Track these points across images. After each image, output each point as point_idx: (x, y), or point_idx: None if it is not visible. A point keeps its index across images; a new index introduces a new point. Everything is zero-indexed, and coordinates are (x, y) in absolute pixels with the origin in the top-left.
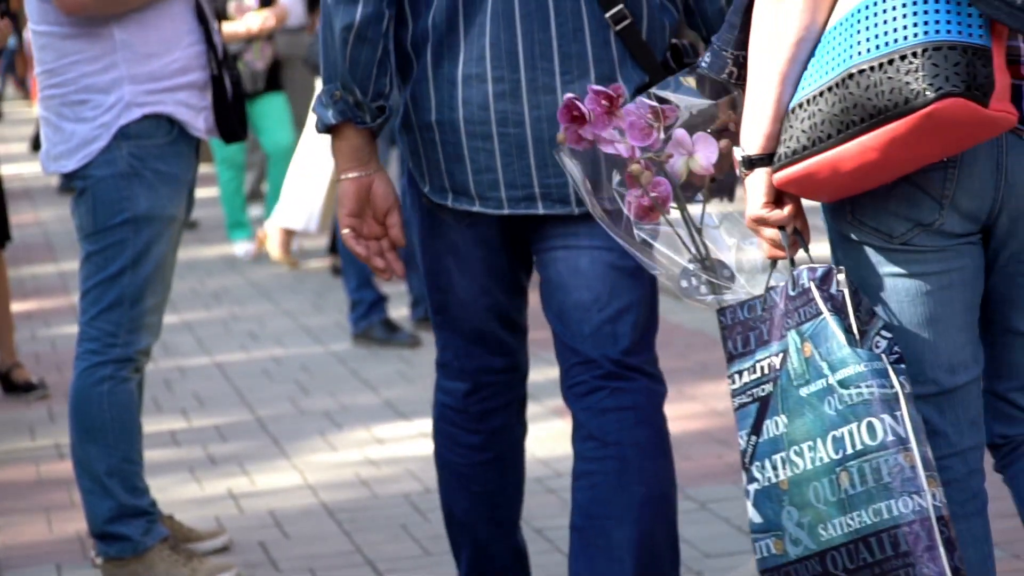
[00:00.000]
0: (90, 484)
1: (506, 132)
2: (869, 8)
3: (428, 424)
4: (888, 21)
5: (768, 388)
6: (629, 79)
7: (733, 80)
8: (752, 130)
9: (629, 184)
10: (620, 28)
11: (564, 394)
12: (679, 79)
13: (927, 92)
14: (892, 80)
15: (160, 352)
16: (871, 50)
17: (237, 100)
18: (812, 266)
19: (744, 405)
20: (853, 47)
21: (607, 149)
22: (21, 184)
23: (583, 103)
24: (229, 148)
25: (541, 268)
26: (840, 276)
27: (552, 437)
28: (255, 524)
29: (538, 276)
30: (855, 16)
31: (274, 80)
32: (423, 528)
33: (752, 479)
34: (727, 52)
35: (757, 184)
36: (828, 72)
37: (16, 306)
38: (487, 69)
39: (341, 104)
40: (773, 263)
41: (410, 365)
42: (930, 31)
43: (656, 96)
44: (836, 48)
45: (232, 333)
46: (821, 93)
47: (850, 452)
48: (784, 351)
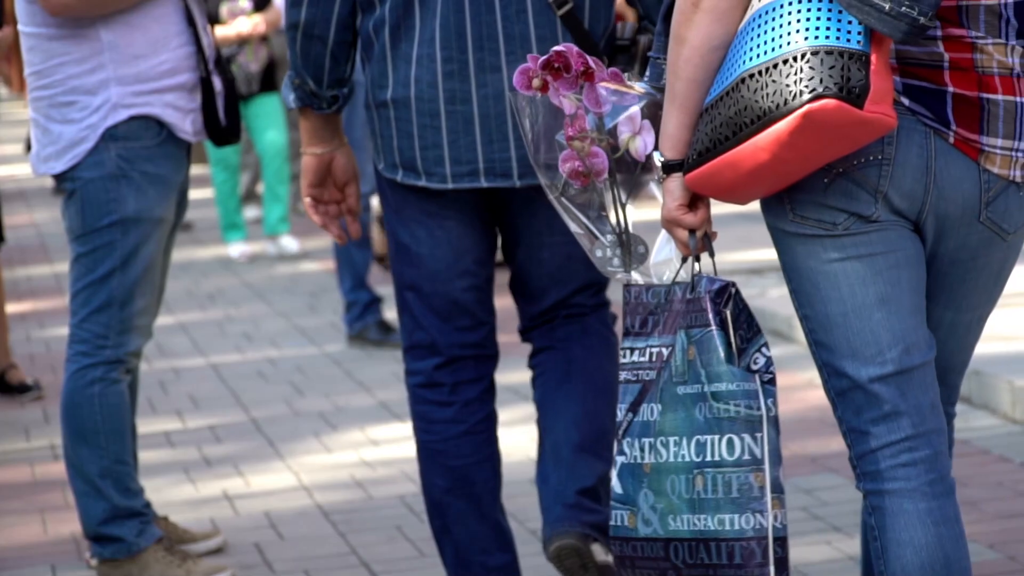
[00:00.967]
0: (83, 486)
1: (453, 109)
2: (762, 17)
3: None
4: (776, 28)
5: (652, 375)
6: None
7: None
8: (668, 135)
9: (570, 147)
10: (563, 12)
11: (529, 360)
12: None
13: (803, 94)
14: (776, 83)
15: (155, 353)
16: (760, 56)
17: (230, 103)
18: (712, 278)
19: (629, 382)
20: (747, 53)
21: (554, 100)
22: (16, 185)
23: (572, 57)
24: (223, 150)
25: (506, 250)
26: (734, 292)
27: None
28: (250, 525)
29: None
30: (751, 24)
31: (269, 81)
32: (418, 529)
33: (621, 452)
34: (660, 60)
35: (673, 187)
36: (728, 78)
37: (11, 307)
38: (437, 49)
39: (299, 91)
40: (684, 259)
41: None
42: (811, 37)
43: (625, 79)
44: (735, 55)
45: (227, 334)
46: (721, 98)
47: (708, 460)
48: (672, 346)
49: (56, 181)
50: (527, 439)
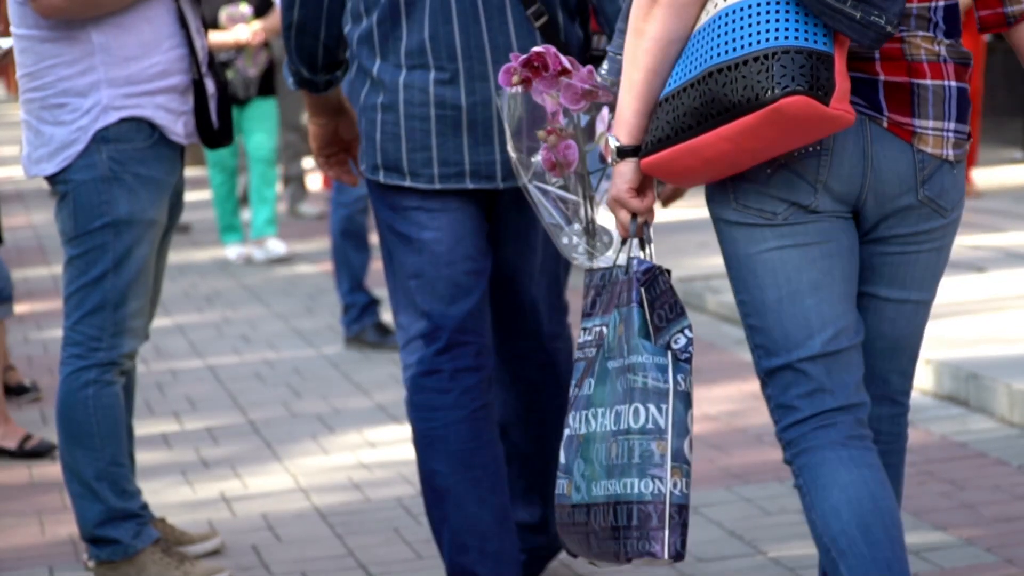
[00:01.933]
0: (79, 488)
1: (443, 114)
2: (729, 15)
3: None
4: (745, 27)
5: (592, 352)
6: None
7: None
8: (623, 122)
9: (544, 141)
10: (539, 24)
11: (497, 349)
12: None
13: (775, 90)
14: (746, 79)
15: (152, 355)
16: (729, 52)
17: (223, 105)
18: (643, 260)
19: (578, 360)
20: (714, 49)
21: (536, 98)
22: (14, 187)
23: (550, 57)
24: (220, 152)
25: (492, 248)
26: (659, 273)
27: None
28: (247, 527)
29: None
30: (717, 22)
31: (267, 85)
32: (415, 532)
33: (567, 424)
34: (619, 56)
35: (625, 171)
36: (691, 71)
37: None
38: (428, 59)
39: (296, 77)
40: (624, 241)
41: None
42: (780, 37)
43: (600, 76)
44: (699, 50)
45: (224, 336)
46: (684, 89)
47: (621, 428)
48: (608, 324)
49: (48, 183)
50: None
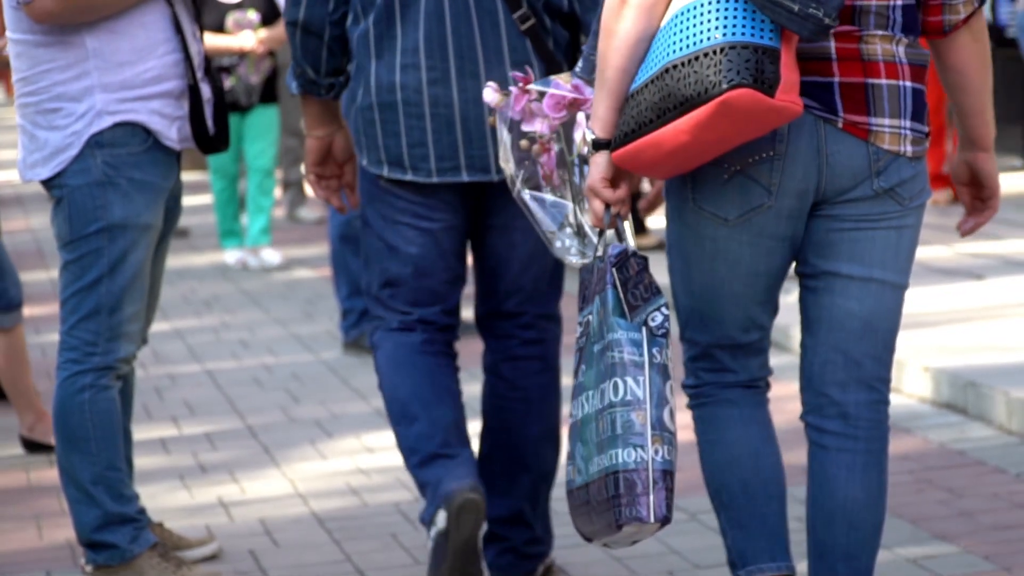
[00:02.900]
0: (76, 493)
1: (437, 112)
2: (685, 14)
3: None
4: (697, 24)
5: (583, 341)
6: (539, 66)
7: None
8: (597, 116)
9: (536, 150)
10: (525, 28)
11: (480, 329)
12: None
13: (722, 83)
14: (697, 73)
15: (151, 359)
16: (683, 49)
17: (219, 111)
18: (616, 245)
19: (576, 352)
20: (671, 46)
21: (526, 126)
22: (13, 190)
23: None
24: (221, 158)
25: (484, 237)
26: (630, 257)
27: None
28: (245, 532)
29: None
30: (675, 20)
31: (269, 92)
32: (413, 537)
33: (571, 414)
34: (594, 55)
35: (599, 163)
36: (652, 67)
37: None
38: (421, 59)
39: (300, 79)
40: (601, 233)
41: None
42: (728, 33)
43: (577, 83)
44: (659, 47)
45: (223, 341)
46: (646, 85)
47: (605, 403)
48: (592, 311)
49: (44, 188)
50: None
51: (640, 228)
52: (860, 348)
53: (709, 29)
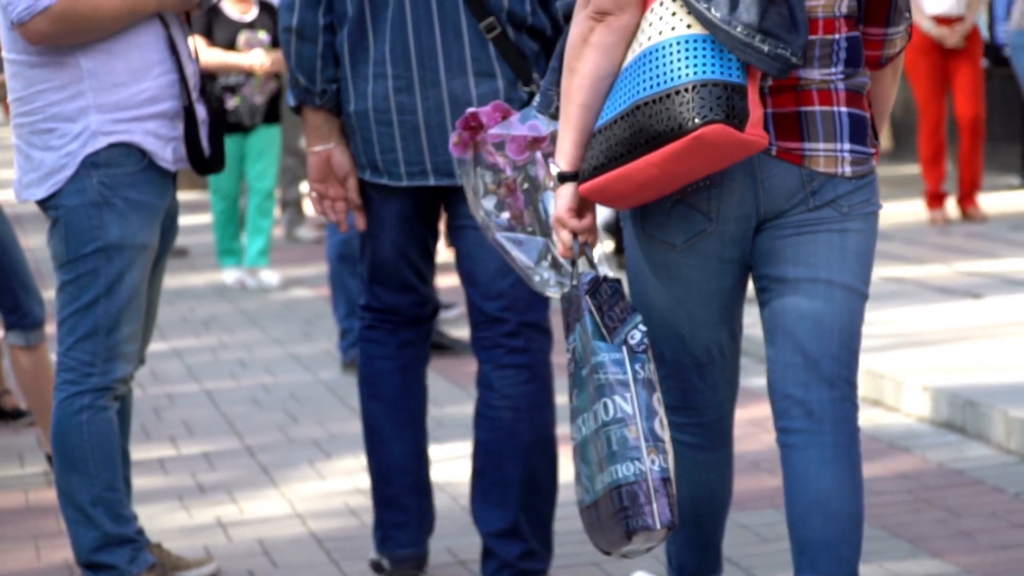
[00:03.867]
0: (74, 514)
1: (403, 119)
2: (652, 54)
3: None
4: (667, 63)
5: (572, 367)
6: (505, 75)
7: (558, 115)
8: (563, 151)
9: (503, 192)
10: (492, 36)
11: (472, 345)
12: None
13: (696, 119)
14: (669, 110)
15: (149, 379)
16: (654, 87)
17: (215, 132)
18: (588, 273)
19: (568, 376)
20: (641, 84)
21: (490, 159)
22: (11, 210)
23: (483, 115)
24: (222, 179)
25: (455, 241)
26: (601, 283)
27: None
28: (243, 553)
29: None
30: (643, 59)
31: (273, 112)
32: None
33: (572, 437)
34: (552, 91)
35: (565, 194)
36: (621, 104)
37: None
38: (387, 68)
39: (295, 88)
40: (573, 262)
41: None
42: (699, 72)
43: (535, 123)
44: (628, 85)
45: (221, 361)
46: (616, 121)
47: (600, 423)
48: (576, 338)
49: (40, 208)
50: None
51: None
52: (816, 348)
53: (679, 68)
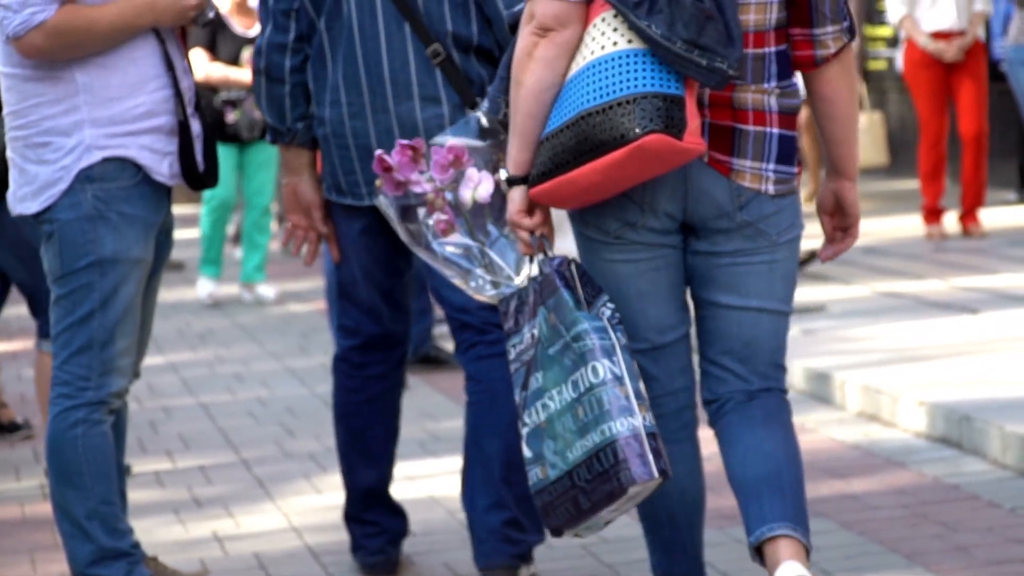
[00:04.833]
0: (70, 528)
1: (358, 143)
2: (596, 67)
3: (414, 467)
4: (611, 76)
5: (531, 353)
6: (450, 99)
7: (507, 120)
8: (512, 157)
9: (430, 211)
10: (437, 62)
11: (455, 351)
12: (475, 116)
13: (637, 130)
14: (612, 120)
15: (145, 393)
16: (598, 98)
17: (209, 147)
18: (552, 256)
19: (517, 370)
20: (585, 95)
21: (416, 189)
22: None
23: (390, 156)
24: (220, 189)
25: (421, 261)
26: (571, 262)
27: None
28: (240, 567)
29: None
30: (587, 72)
31: None
32: (408, 571)
33: (525, 424)
34: (500, 98)
35: (516, 197)
36: (567, 114)
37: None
38: (341, 95)
39: (268, 127)
40: (530, 258)
41: None
42: (639, 84)
43: (452, 143)
44: (573, 96)
45: (217, 374)
46: (562, 130)
47: (583, 389)
48: (537, 325)
49: (34, 222)
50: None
51: None
52: (745, 369)
53: (621, 80)
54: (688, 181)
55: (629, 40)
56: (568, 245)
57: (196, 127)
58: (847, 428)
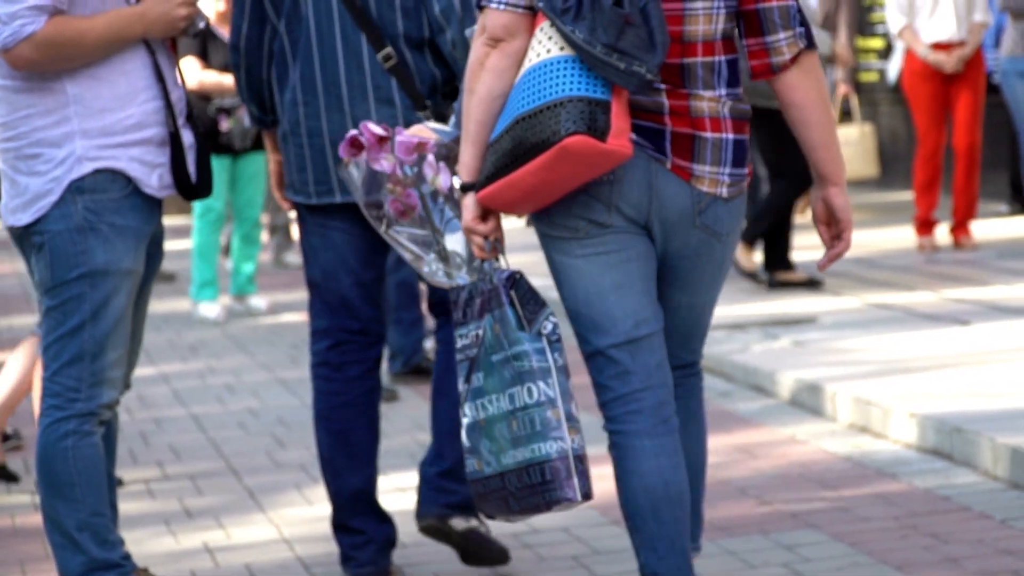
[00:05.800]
0: (60, 539)
1: (312, 142)
2: (532, 73)
3: (405, 478)
4: (543, 82)
5: (475, 351)
6: (403, 101)
7: None
8: (465, 164)
9: (391, 193)
10: (388, 67)
11: (430, 310)
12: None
13: (560, 132)
14: (541, 124)
15: (136, 404)
16: (530, 103)
17: (201, 158)
18: (502, 269)
19: (461, 361)
20: (522, 100)
21: (376, 166)
22: (0, 234)
23: (363, 137)
24: (209, 201)
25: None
26: (517, 279)
27: None
28: None
29: None
30: (525, 79)
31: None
32: None
33: (466, 414)
34: None
35: (468, 203)
36: (507, 119)
37: None
38: (298, 96)
39: (250, 115)
40: (482, 260)
41: (386, 419)
42: (566, 89)
43: (423, 128)
44: (513, 102)
45: (209, 385)
46: (502, 135)
47: (519, 406)
48: (483, 327)
49: (26, 233)
50: None
51: (787, 265)
52: (680, 350)
53: (551, 86)
54: (653, 186)
55: (561, 47)
56: None
57: (188, 138)
58: (838, 440)
